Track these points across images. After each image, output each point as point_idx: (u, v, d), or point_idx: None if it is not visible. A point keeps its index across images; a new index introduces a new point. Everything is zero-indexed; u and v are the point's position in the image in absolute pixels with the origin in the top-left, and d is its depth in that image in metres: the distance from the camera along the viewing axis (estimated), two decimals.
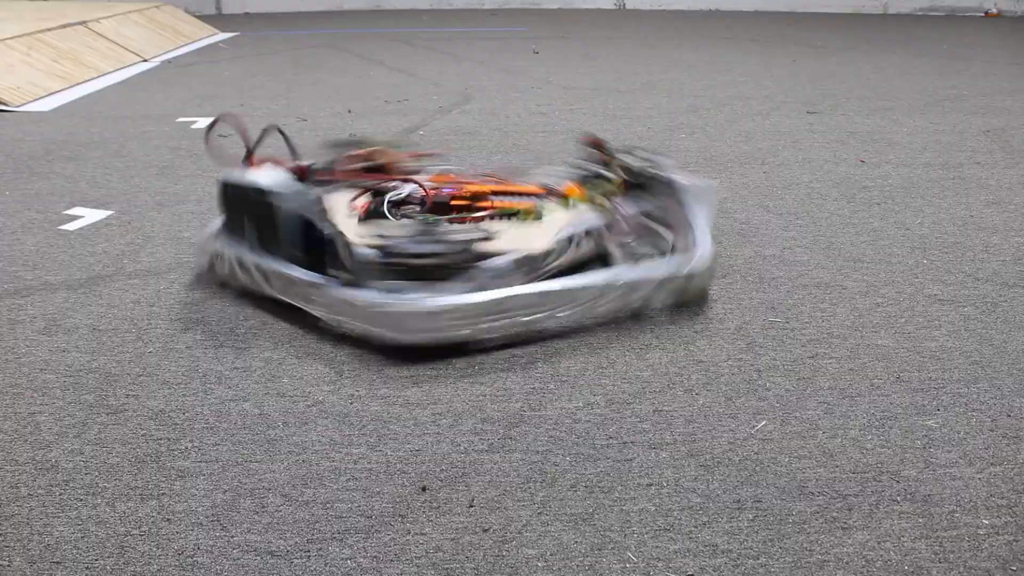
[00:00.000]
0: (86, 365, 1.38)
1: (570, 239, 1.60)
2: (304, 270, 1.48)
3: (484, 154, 2.63)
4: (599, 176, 1.83)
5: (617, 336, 1.47)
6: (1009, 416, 1.23)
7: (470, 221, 1.62)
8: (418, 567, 0.95)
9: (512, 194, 1.76)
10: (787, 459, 1.14)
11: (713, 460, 1.14)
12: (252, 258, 1.55)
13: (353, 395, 1.28)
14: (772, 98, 3.51)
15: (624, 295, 1.49)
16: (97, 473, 1.11)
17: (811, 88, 3.73)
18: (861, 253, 1.83)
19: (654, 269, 1.53)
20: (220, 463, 1.13)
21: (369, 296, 1.39)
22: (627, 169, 1.80)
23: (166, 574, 0.94)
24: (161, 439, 1.18)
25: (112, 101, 3.57)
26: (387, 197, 1.63)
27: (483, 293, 1.40)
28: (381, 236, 1.52)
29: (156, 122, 3.11)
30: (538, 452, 1.15)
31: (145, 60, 4.67)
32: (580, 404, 1.27)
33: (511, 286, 1.42)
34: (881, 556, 0.96)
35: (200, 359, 1.39)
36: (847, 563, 0.95)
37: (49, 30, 4.26)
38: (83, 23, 4.62)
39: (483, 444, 1.17)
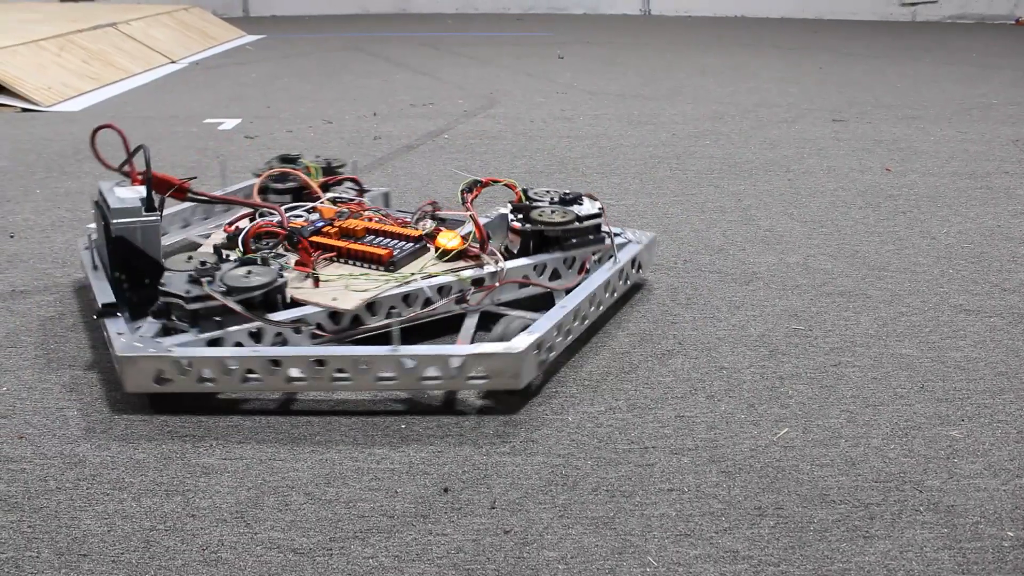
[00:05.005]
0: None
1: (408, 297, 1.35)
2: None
3: (508, 158, 2.64)
4: None
5: (640, 342, 1.47)
6: None
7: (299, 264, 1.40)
8: (439, 567, 0.96)
9: (390, 236, 1.50)
10: (809, 467, 1.13)
11: (735, 466, 1.13)
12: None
13: (376, 395, 1.29)
14: (798, 105, 3.49)
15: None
16: (124, 469, 1.12)
17: (837, 96, 3.71)
18: (886, 262, 1.82)
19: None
20: (244, 461, 1.14)
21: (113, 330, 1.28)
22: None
23: (190, 569, 0.95)
24: (187, 436, 1.19)
25: (140, 102, 3.61)
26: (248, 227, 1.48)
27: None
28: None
29: (183, 123, 3.14)
30: (560, 455, 1.16)
31: (173, 62, 4.72)
32: (602, 408, 1.27)
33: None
34: (903, 566, 0.96)
35: None
36: (868, 572, 0.95)
37: (80, 31, 4.32)
38: (113, 25, 4.69)
39: (505, 447, 1.18)
